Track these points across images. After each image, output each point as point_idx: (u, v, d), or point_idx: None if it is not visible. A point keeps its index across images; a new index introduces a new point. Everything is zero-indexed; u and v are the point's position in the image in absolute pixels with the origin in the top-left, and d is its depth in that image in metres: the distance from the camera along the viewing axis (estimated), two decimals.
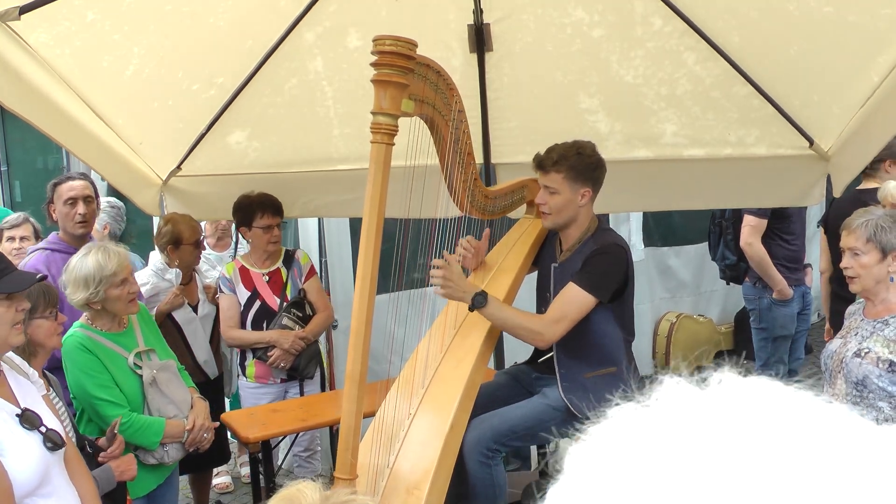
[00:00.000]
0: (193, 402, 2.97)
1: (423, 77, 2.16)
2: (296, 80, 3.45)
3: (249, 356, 3.77)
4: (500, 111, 3.60)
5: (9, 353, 2.16)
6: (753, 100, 3.24)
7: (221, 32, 3.12)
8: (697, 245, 6.31)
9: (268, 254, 3.79)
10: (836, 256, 3.21)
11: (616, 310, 2.74)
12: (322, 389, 3.96)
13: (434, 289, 2.56)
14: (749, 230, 4.19)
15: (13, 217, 3.95)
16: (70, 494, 2.11)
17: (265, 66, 3.37)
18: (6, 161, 7.30)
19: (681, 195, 3.85)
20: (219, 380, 3.91)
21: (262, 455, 3.40)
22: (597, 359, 2.74)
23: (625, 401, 0.53)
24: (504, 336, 3.52)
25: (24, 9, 2.48)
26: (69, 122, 3.10)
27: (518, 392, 2.91)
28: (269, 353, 3.67)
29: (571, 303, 2.61)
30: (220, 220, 4.55)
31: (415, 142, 2.18)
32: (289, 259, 3.84)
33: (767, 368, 4.41)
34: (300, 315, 3.75)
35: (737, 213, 4.43)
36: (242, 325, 3.75)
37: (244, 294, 3.75)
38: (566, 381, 2.71)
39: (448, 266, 2.55)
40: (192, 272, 3.84)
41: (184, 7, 2.95)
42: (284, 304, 3.74)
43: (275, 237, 3.72)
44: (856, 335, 2.62)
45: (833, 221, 4.07)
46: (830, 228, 4.16)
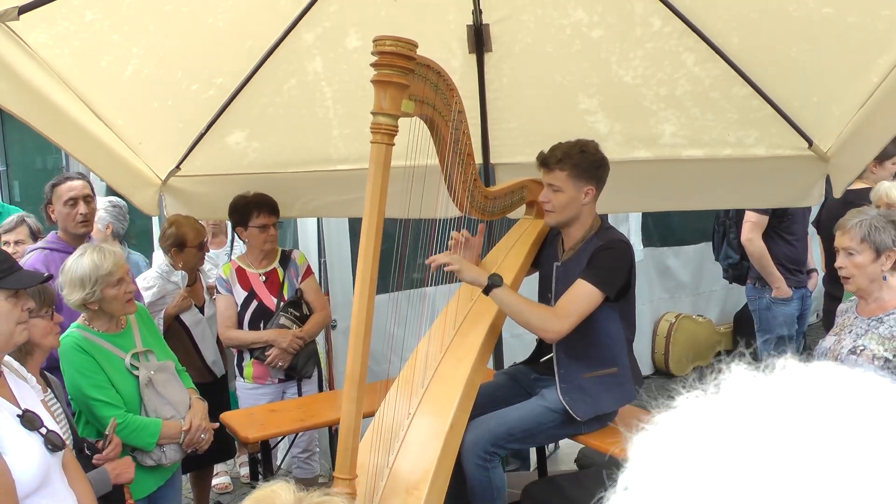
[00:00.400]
0: (191, 403, 2.97)
1: (424, 77, 2.16)
2: (295, 81, 3.45)
3: (247, 357, 3.77)
4: (500, 112, 3.60)
5: (7, 359, 2.16)
6: (753, 100, 3.24)
7: (221, 33, 3.12)
8: (696, 245, 6.32)
9: (264, 254, 3.78)
10: (829, 257, 3.23)
11: (621, 309, 2.75)
12: (320, 389, 3.96)
13: (449, 266, 2.56)
14: (750, 226, 4.21)
15: (8, 221, 3.94)
16: (69, 497, 2.11)
17: (264, 67, 3.37)
18: (5, 161, 7.30)
19: (680, 196, 3.85)
20: (224, 379, 3.92)
21: (262, 455, 3.41)
22: (598, 359, 2.74)
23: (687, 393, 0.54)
24: (503, 336, 3.53)
25: (23, 9, 2.47)
26: (68, 123, 3.10)
27: (517, 393, 2.91)
28: (267, 353, 3.67)
29: (580, 298, 2.62)
30: (216, 220, 4.54)
31: (414, 142, 2.18)
32: (285, 259, 3.84)
33: None
34: (297, 315, 3.74)
35: (740, 213, 4.43)
36: (239, 326, 3.75)
37: (241, 294, 3.75)
38: (564, 383, 2.72)
39: (454, 255, 2.59)
40: (197, 273, 3.84)
41: (183, 7, 2.95)
42: (281, 304, 3.74)
43: (271, 237, 3.72)
44: (850, 333, 2.64)
45: (825, 223, 4.10)
46: (823, 229, 4.18)
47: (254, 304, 3.74)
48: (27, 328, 2.13)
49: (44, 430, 2.05)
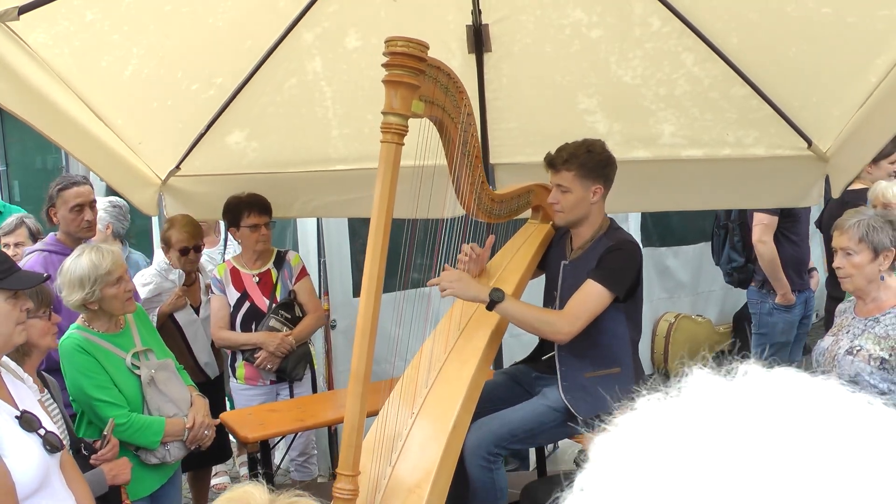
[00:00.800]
0: (193, 400, 2.97)
1: (434, 79, 2.16)
2: (295, 81, 3.45)
3: (239, 358, 3.77)
4: (499, 112, 3.61)
5: (4, 359, 2.16)
6: (752, 101, 3.25)
7: (221, 32, 3.12)
8: (695, 245, 6.32)
9: (257, 254, 3.77)
10: (830, 257, 3.23)
11: (628, 310, 2.76)
12: (314, 391, 3.93)
13: (445, 290, 2.56)
14: (761, 228, 4.14)
15: (7, 222, 3.94)
16: (68, 498, 2.11)
17: (264, 67, 3.37)
18: (5, 161, 7.31)
19: (679, 195, 3.86)
20: (220, 379, 3.91)
21: (261, 455, 3.41)
22: (601, 359, 2.74)
23: (648, 395, 0.54)
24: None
25: (23, 9, 2.48)
26: (68, 123, 3.10)
27: (517, 393, 2.91)
28: (256, 355, 3.66)
29: (590, 298, 2.62)
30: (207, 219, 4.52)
31: (418, 143, 2.18)
32: (280, 260, 3.83)
33: None
34: (288, 317, 3.72)
35: (742, 215, 4.40)
36: (232, 327, 3.74)
37: (234, 295, 3.74)
38: (566, 381, 2.72)
39: (453, 271, 2.58)
40: (197, 273, 3.84)
41: (183, 7, 2.95)
42: (273, 306, 3.73)
43: (262, 236, 3.71)
44: (847, 333, 2.65)
45: (827, 224, 4.09)
46: (824, 229, 4.17)
47: (246, 305, 3.73)
48: (26, 329, 2.14)
49: (42, 432, 2.05)
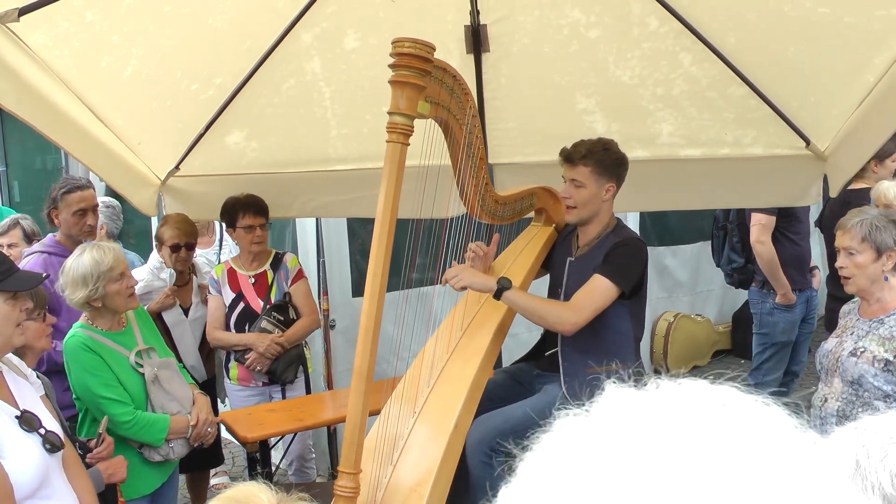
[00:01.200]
0: (195, 398, 2.99)
1: (440, 80, 2.17)
2: (294, 81, 3.46)
3: (232, 358, 3.77)
4: (498, 112, 3.61)
5: (8, 355, 2.17)
6: (750, 100, 3.26)
7: (220, 33, 3.13)
8: (694, 245, 6.33)
9: (253, 255, 3.77)
10: (830, 257, 3.23)
11: (633, 307, 2.77)
12: (307, 394, 3.91)
13: (453, 280, 2.58)
14: (759, 228, 4.15)
15: (1, 225, 3.94)
16: (69, 496, 2.12)
17: (263, 67, 3.37)
18: (5, 161, 7.31)
19: (677, 195, 3.86)
20: (211, 383, 3.89)
21: (260, 455, 3.42)
22: (603, 355, 2.74)
23: (572, 408, 0.56)
24: None
25: (24, 10, 2.48)
26: (67, 123, 3.10)
27: (516, 391, 2.91)
28: (247, 357, 3.66)
29: (596, 292, 2.64)
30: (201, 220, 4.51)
31: (423, 144, 2.18)
32: (277, 262, 3.82)
33: (761, 372, 4.40)
34: (281, 319, 3.71)
35: (741, 215, 4.40)
36: (226, 327, 3.74)
37: (229, 295, 3.75)
38: (568, 376, 2.73)
39: (458, 266, 2.60)
40: (191, 275, 3.84)
41: (183, 8, 2.96)
42: (266, 308, 3.72)
43: (257, 237, 3.70)
44: (851, 334, 2.63)
45: (826, 222, 4.09)
46: (825, 229, 4.17)
47: (240, 306, 3.73)
48: (24, 330, 2.14)
49: (42, 431, 2.06)
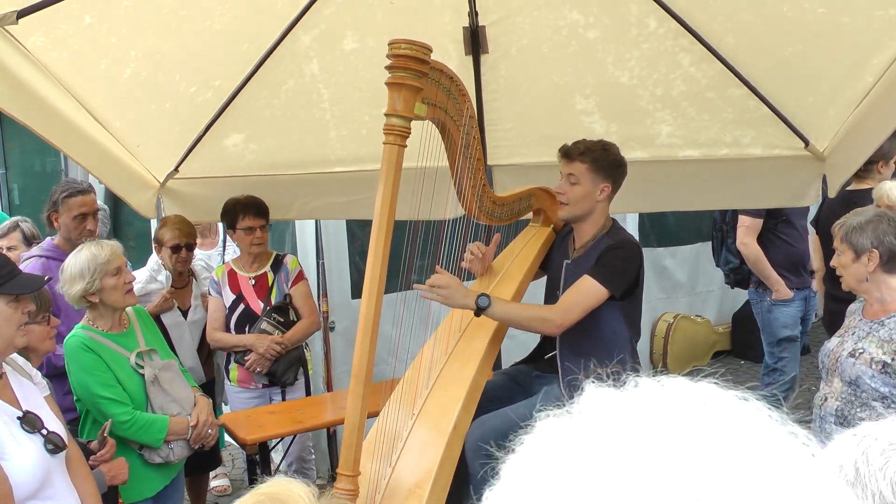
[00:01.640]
0: (196, 400, 2.99)
1: (437, 82, 2.17)
2: (292, 83, 3.46)
3: (232, 360, 3.76)
4: (496, 113, 3.62)
5: (12, 355, 2.17)
6: (749, 101, 3.26)
7: (218, 35, 3.13)
8: (693, 245, 6.32)
9: (253, 256, 3.77)
10: (829, 256, 3.23)
11: (625, 308, 2.76)
12: (307, 395, 3.91)
13: (436, 293, 2.57)
14: (744, 230, 4.23)
15: (0, 228, 3.94)
16: (71, 497, 2.12)
17: (262, 69, 3.37)
18: (4, 164, 7.30)
19: (676, 196, 3.86)
20: (209, 386, 3.88)
21: (260, 457, 3.41)
22: (600, 357, 2.75)
23: (556, 410, 0.56)
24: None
25: (22, 13, 2.48)
26: (66, 126, 3.10)
27: (516, 392, 2.91)
28: (247, 358, 3.66)
29: (583, 293, 2.64)
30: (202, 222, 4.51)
31: (420, 145, 2.18)
32: (277, 264, 3.82)
33: (775, 373, 4.41)
34: (281, 320, 3.71)
35: (735, 217, 4.44)
36: (226, 328, 3.73)
37: (229, 297, 3.74)
38: (567, 376, 2.73)
39: (444, 275, 2.57)
40: (190, 277, 3.83)
41: (181, 10, 2.96)
42: (266, 309, 3.72)
43: (257, 239, 3.69)
44: (853, 335, 2.63)
45: (824, 222, 4.09)
46: (822, 229, 4.18)
47: (241, 308, 3.73)
48: (26, 333, 2.15)
49: (44, 432, 2.06)
